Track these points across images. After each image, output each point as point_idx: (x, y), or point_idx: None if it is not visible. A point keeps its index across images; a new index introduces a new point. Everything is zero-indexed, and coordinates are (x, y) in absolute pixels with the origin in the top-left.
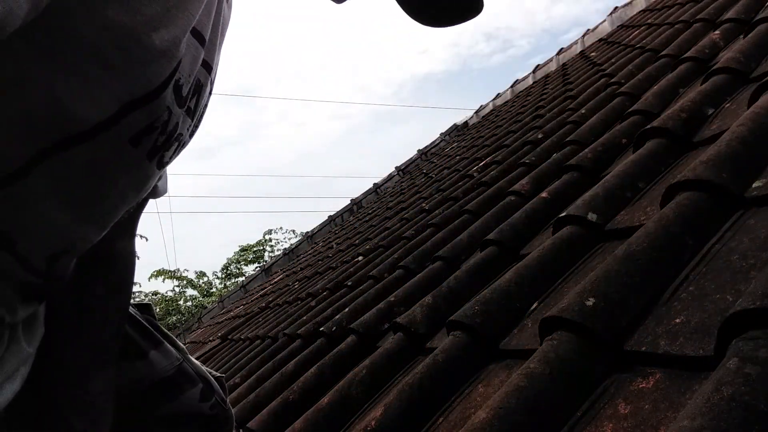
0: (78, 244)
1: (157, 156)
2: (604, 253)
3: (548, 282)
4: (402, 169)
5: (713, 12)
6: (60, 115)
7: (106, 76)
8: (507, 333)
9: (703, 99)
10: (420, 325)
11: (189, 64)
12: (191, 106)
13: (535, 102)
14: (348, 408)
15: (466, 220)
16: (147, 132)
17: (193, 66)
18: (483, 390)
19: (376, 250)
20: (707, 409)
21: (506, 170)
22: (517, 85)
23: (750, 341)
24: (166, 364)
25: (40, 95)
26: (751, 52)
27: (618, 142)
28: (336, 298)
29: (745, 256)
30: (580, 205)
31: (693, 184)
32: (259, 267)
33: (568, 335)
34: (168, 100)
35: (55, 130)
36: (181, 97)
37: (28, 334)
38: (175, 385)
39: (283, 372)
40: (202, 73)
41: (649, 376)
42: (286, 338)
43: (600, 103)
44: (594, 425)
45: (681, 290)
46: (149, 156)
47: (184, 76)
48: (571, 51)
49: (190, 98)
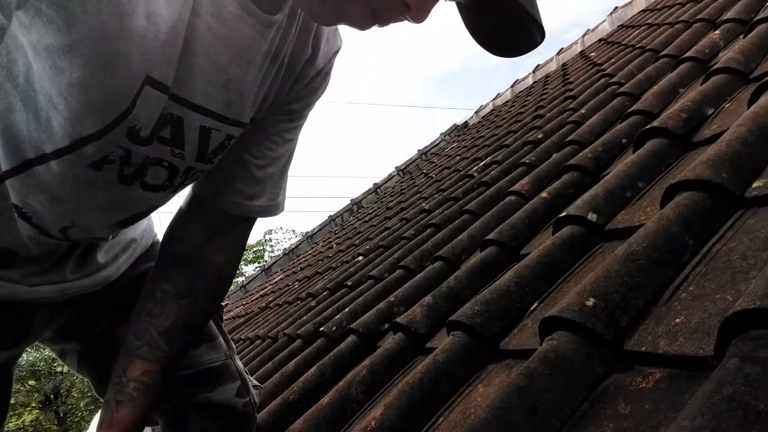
0: (83, 225)
1: (136, 181)
2: (604, 253)
3: (548, 282)
4: (402, 169)
5: (713, 12)
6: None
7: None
8: (507, 333)
9: (703, 99)
10: (420, 325)
11: (148, 111)
12: (165, 137)
13: (536, 102)
14: (348, 408)
15: (467, 220)
16: (105, 162)
17: (154, 112)
18: (483, 390)
19: (376, 250)
20: (707, 409)
21: (506, 170)
22: (517, 85)
23: (750, 341)
24: (215, 356)
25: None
26: (751, 52)
27: (618, 142)
28: (336, 298)
29: (745, 256)
30: (580, 205)
31: (693, 184)
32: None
33: (568, 335)
34: (118, 141)
35: (31, 149)
36: (141, 137)
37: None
38: (217, 377)
39: (283, 372)
40: (178, 109)
41: (649, 376)
42: (286, 338)
43: (600, 103)
44: (594, 425)
45: (681, 290)
46: (122, 181)
47: (141, 121)
48: (571, 51)
49: (157, 134)
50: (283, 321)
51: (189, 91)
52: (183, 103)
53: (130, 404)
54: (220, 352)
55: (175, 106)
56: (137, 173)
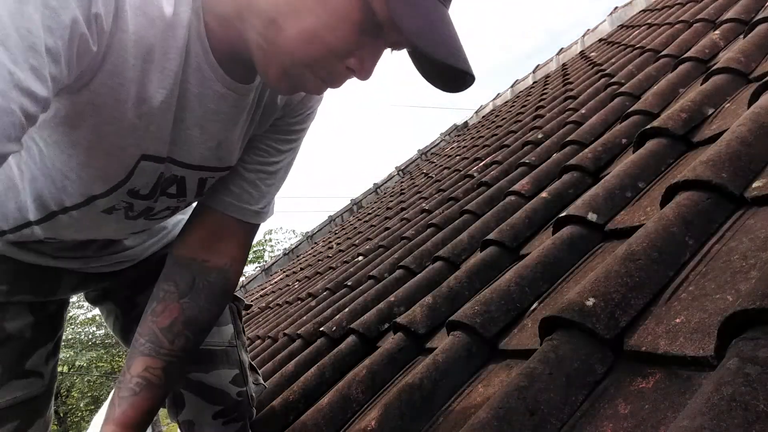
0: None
1: (140, 218)
2: (604, 253)
3: (548, 282)
4: (402, 169)
5: (713, 12)
6: (54, 198)
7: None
8: (507, 333)
9: (703, 99)
10: (420, 325)
11: (144, 177)
12: (172, 192)
13: (536, 102)
14: (348, 408)
15: (467, 220)
16: (113, 210)
17: (150, 177)
18: (483, 390)
19: (376, 250)
20: (707, 409)
21: (506, 170)
22: (517, 85)
23: (750, 341)
24: (217, 341)
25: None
26: (751, 52)
27: (618, 142)
28: (336, 298)
29: (745, 256)
30: (580, 205)
31: (693, 184)
32: (259, 267)
33: (568, 335)
34: (122, 198)
35: (55, 204)
36: (141, 195)
37: None
38: (215, 360)
39: (283, 372)
40: (180, 171)
41: (649, 376)
42: (286, 338)
43: (600, 103)
44: (594, 425)
45: (681, 290)
46: (128, 218)
47: (139, 185)
48: (571, 51)
49: (165, 191)
50: (283, 321)
51: (187, 156)
52: (183, 166)
53: (132, 399)
54: (223, 338)
55: (178, 168)
56: (142, 214)
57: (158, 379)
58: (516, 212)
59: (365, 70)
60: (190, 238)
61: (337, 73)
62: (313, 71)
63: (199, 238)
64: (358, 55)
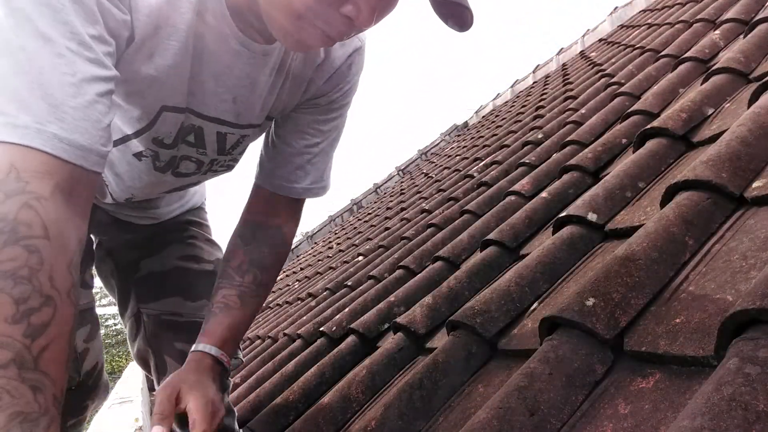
0: (139, 196)
1: (168, 171)
2: (604, 253)
3: (548, 282)
4: (402, 169)
5: (713, 12)
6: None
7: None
8: (507, 333)
9: (703, 99)
10: (420, 325)
11: (166, 126)
12: (191, 141)
13: (536, 102)
14: (348, 408)
15: (467, 220)
16: (141, 155)
17: (173, 126)
18: (483, 390)
19: (376, 250)
20: (707, 409)
21: (506, 170)
22: (517, 85)
23: (750, 341)
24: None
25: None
26: (751, 52)
27: (618, 142)
28: (336, 298)
29: (745, 256)
30: (580, 205)
31: (693, 184)
32: None
33: (568, 335)
34: (147, 145)
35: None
36: (165, 144)
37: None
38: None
39: (283, 372)
40: (198, 121)
41: (649, 376)
42: (286, 338)
43: (600, 103)
44: (594, 425)
45: (681, 290)
46: (157, 170)
47: (162, 133)
48: (571, 51)
49: (183, 139)
50: (283, 321)
51: (204, 107)
52: (201, 117)
53: (213, 318)
54: None
55: (196, 119)
56: (168, 166)
57: (234, 303)
58: (516, 212)
59: (363, 17)
60: (251, 207)
61: (334, 22)
62: (311, 22)
63: (257, 209)
64: (353, 1)
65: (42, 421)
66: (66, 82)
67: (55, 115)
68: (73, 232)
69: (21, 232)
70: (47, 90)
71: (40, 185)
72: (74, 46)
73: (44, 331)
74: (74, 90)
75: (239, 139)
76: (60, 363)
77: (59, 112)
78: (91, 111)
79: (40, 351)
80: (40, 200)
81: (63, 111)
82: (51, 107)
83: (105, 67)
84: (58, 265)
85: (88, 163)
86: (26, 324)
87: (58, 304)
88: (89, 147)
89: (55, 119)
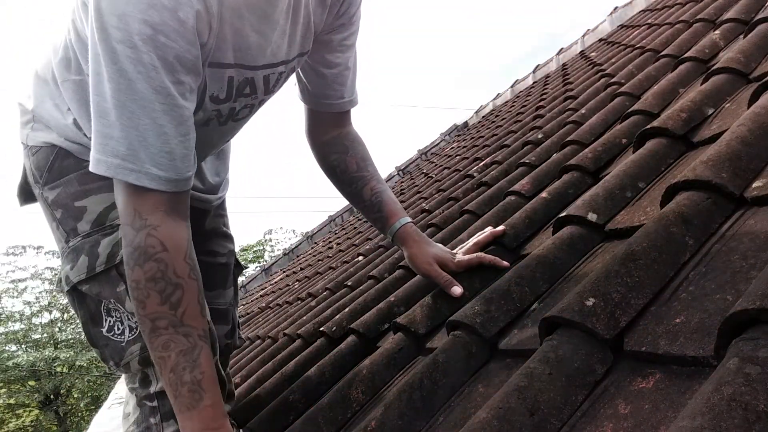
0: (208, 155)
1: (229, 120)
2: (604, 253)
3: (548, 282)
4: (402, 169)
5: (713, 12)
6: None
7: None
8: (507, 333)
9: (703, 99)
10: (420, 325)
11: (215, 82)
12: (247, 93)
13: (536, 102)
14: (348, 408)
15: (467, 220)
16: (208, 121)
17: (220, 82)
18: (483, 390)
19: (376, 250)
20: (707, 409)
21: (506, 170)
22: (517, 85)
23: (750, 341)
24: (222, 301)
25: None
26: (751, 52)
27: (618, 142)
28: (336, 298)
29: (745, 256)
30: (580, 205)
31: (693, 184)
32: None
33: (568, 335)
34: (209, 107)
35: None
36: (220, 99)
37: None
38: (215, 316)
39: (283, 372)
40: (248, 74)
41: (649, 376)
42: (286, 338)
43: (600, 103)
44: (594, 425)
45: (681, 290)
46: (221, 124)
47: (215, 89)
48: (571, 51)
49: (235, 93)
50: (283, 321)
51: (251, 61)
52: (249, 68)
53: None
54: (227, 299)
55: (247, 71)
56: (229, 117)
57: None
58: (516, 212)
59: None
60: (313, 131)
61: None
62: None
63: (317, 130)
64: None
65: (194, 351)
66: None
67: (154, 161)
68: (181, 234)
69: (149, 253)
70: (148, 141)
71: (154, 217)
72: (162, 99)
73: (180, 303)
74: (164, 139)
75: (278, 76)
76: (196, 316)
77: (157, 158)
78: (176, 151)
79: (182, 315)
80: (156, 228)
81: (160, 156)
82: (150, 155)
83: (185, 108)
84: (178, 262)
85: (179, 187)
86: (169, 303)
87: (184, 285)
88: (178, 178)
89: (154, 165)
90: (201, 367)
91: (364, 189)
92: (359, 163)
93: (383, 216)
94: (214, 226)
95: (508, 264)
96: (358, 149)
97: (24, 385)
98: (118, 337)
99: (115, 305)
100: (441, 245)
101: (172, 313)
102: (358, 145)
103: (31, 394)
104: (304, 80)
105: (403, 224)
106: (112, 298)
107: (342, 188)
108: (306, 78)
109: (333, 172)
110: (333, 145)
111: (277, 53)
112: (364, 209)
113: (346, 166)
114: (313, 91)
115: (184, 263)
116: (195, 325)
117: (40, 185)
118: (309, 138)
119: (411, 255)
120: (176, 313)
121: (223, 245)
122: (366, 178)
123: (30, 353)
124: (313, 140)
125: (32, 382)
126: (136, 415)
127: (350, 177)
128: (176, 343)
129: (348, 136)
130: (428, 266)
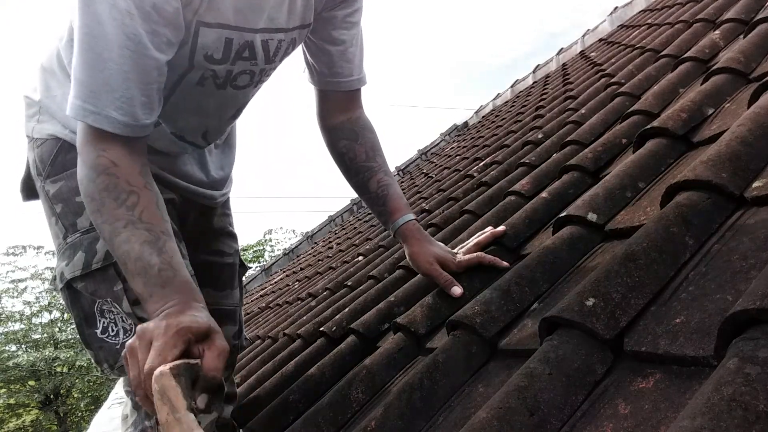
0: (211, 128)
1: (228, 86)
2: (604, 253)
3: (548, 282)
4: (402, 169)
5: (713, 12)
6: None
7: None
8: (507, 333)
9: (703, 99)
10: (420, 325)
11: (212, 41)
12: (246, 56)
13: (536, 102)
14: (348, 408)
15: (467, 220)
16: (203, 80)
17: (218, 41)
18: (483, 390)
19: (376, 250)
20: (707, 409)
21: (506, 170)
22: (517, 85)
23: (750, 341)
24: (229, 302)
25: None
26: (751, 52)
27: (618, 142)
28: (336, 298)
29: (745, 256)
30: (580, 205)
31: (693, 184)
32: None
33: (568, 335)
34: (204, 66)
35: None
36: (215, 59)
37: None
38: (225, 318)
39: (283, 372)
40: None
41: (649, 376)
42: (286, 338)
43: (600, 103)
44: (594, 425)
45: (681, 290)
46: (218, 87)
47: (210, 49)
48: (571, 51)
49: (234, 55)
50: (283, 321)
51: (251, 23)
52: (248, 31)
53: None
54: (234, 300)
55: (247, 34)
56: (227, 80)
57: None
58: (516, 212)
59: None
60: (323, 114)
61: None
62: None
63: (327, 113)
64: None
65: (159, 241)
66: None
67: (115, 105)
68: (133, 158)
69: (100, 168)
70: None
71: (109, 148)
72: (132, 46)
73: (136, 205)
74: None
75: (278, 44)
76: (156, 216)
77: (118, 102)
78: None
79: (140, 213)
80: (107, 151)
81: (122, 101)
82: (112, 100)
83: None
84: (131, 175)
85: (136, 133)
86: (125, 206)
87: (139, 192)
88: (135, 124)
89: (114, 109)
90: (169, 252)
91: (371, 180)
92: (368, 153)
93: (387, 210)
94: (222, 225)
95: (508, 264)
96: (368, 137)
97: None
98: (112, 338)
99: (111, 305)
100: (442, 244)
101: (129, 213)
102: (368, 132)
103: (31, 394)
104: (311, 60)
105: (407, 221)
106: (108, 297)
107: (349, 177)
108: (312, 58)
109: (342, 160)
110: (343, 130)
111: (276, 19)
112: (369, 201)
113: (354, 154)
114: (321, 70)
115: (137, 176)
116: (155, 222)
117: (42, 178)
118: (320, 122)
119: (412, 253)
120: (134, 213)
121: (229, 245)
122: (374, 169)
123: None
124: (323, 124)
125: (32, 382)
126: (134, 417)
127: (358, 166)
128: (138, 236)
129: (358, 122)
130: (429, 265)
